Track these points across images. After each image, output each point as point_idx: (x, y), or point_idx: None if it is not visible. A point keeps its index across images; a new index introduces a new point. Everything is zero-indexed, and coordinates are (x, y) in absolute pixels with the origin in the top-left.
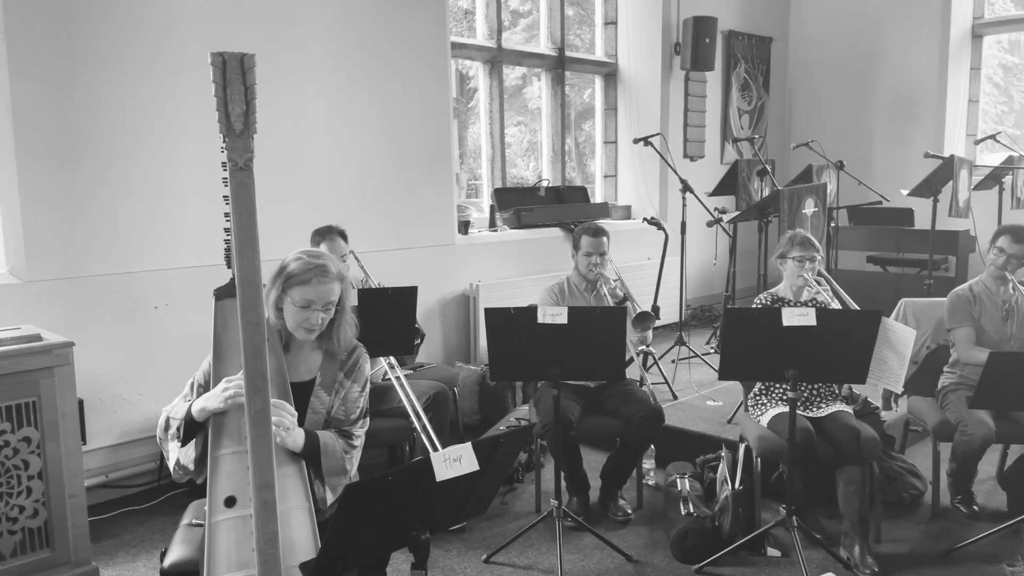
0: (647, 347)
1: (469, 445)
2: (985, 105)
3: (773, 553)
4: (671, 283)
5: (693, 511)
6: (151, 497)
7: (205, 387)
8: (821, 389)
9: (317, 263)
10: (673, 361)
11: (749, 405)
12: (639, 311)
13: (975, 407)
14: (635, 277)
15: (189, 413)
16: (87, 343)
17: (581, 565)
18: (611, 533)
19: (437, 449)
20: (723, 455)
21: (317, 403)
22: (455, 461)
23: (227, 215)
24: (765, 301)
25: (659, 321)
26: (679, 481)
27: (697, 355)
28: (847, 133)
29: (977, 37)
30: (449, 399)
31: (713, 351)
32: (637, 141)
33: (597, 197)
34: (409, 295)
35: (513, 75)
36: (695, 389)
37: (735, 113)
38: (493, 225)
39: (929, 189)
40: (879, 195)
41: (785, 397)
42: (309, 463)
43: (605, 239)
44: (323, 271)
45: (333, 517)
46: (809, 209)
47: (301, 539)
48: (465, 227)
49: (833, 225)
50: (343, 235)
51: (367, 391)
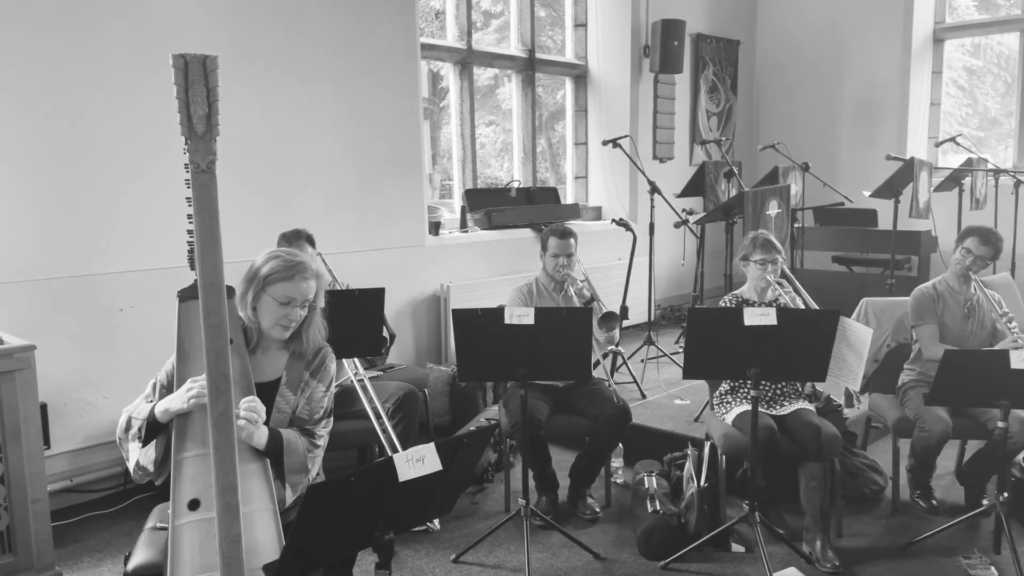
0: (615, 347)
1: (432, 445)
2: (950, 107)
3: (737, 549)
4: (640, 283)
5: (660, 509)
6: (117, 501)
7: (168, 388)
8: (785, 388)
9: (298, 260)
10: (642, 361)
11: (715, 404)
12: (605, 311)
13: (931, 404)
14: (605, 277)
15: (152, 414)
16: (50, 346)
17: (549, 564)
18: (579, 531)
19: (398, 451)
20: (689, 453)
21: (282, 403)
22: (418, 461)
23: (190, 217)
24: (730, 302)
25: (628, 321)
26: (646, 479)
27: (665, 354)
28: (813, 135)
29: (939, 41)
30: (418, 400)
31: (681, 350)
32: (606, 143)
33: (568, 198)
34: (376, 297)
35: (485, 75)
36: (663, 388)
37: (704, 115)
38: (464, 226)
39: (890, 191)
40: (843, 196)
41: (748, 395)
42: (271, 461)
43: (572, 240)
44: (304, 268)
45: (295, 518)
46: (773, 210)
47: (265, 540)
48: (436, 228)
49: (799, 226)
50: (311, 240)
51: (332, 391)
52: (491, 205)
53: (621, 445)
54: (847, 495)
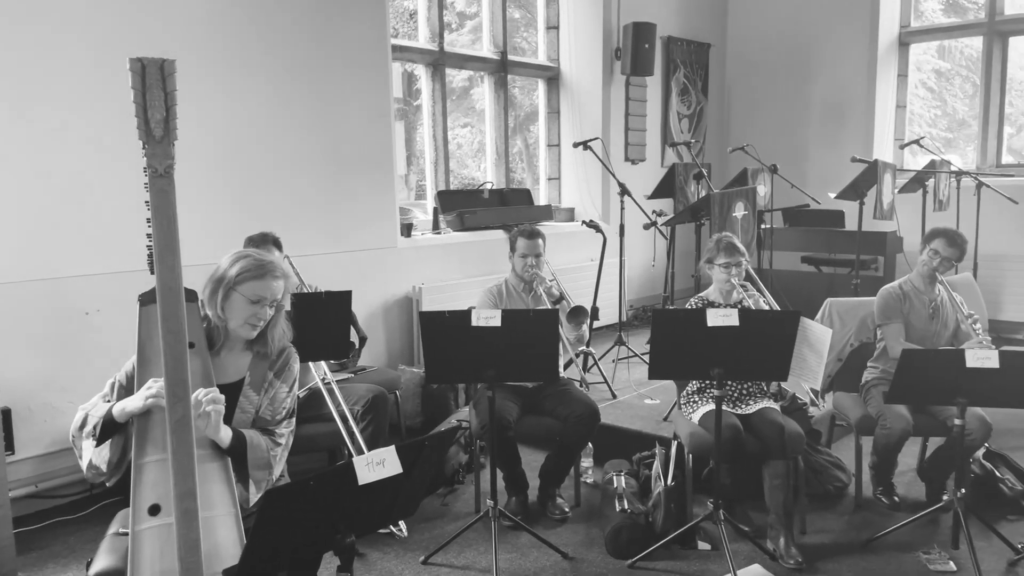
0: (586, 347)
1: (393, 448)
2: (920, 109)
3: (703, 546)
4: (612, 284)
5: (627, 508)
6: (82, 507)
7: (127, 389)
8: (751, 387)
9: (268, 260)
10: (613, 361)
11: (682, 403)
12: (573, 305)
13: (890, 402)
14: (578, 278)
15: (109, 413)
16: (14, 351)
17: (518, 564)
18: (548, 531)
19: (363, 453)
20: (657, 452)
21: (246, 403)
22: (378, 465)
23: (150, 221)
24: (695, 305)
25: (599, 322)
26: (615, 478)
27: (636, 355)
28: (782, 137)
29: (904, 45)
30: (388, 402)
31: None
32: (577, 145)
33: (541, 199)
34: (343, 299)
35: (460, 76)
36: (634, 388)
37: (675, 117)
38: (436, 228)
39: (855, 192)
40: (810, 198)
41: (714, 395)
42: (234, 460)
43: (540, 241)
44: (274, 267)
45: (254, 523)
46: (739, 212)
47: (227, 545)
48: (408, 230)
49: (767, 227)
50: (278, 244)
51: (295, 391)
52: (464, 206)
53: (591, 445)
54: (811, 492)
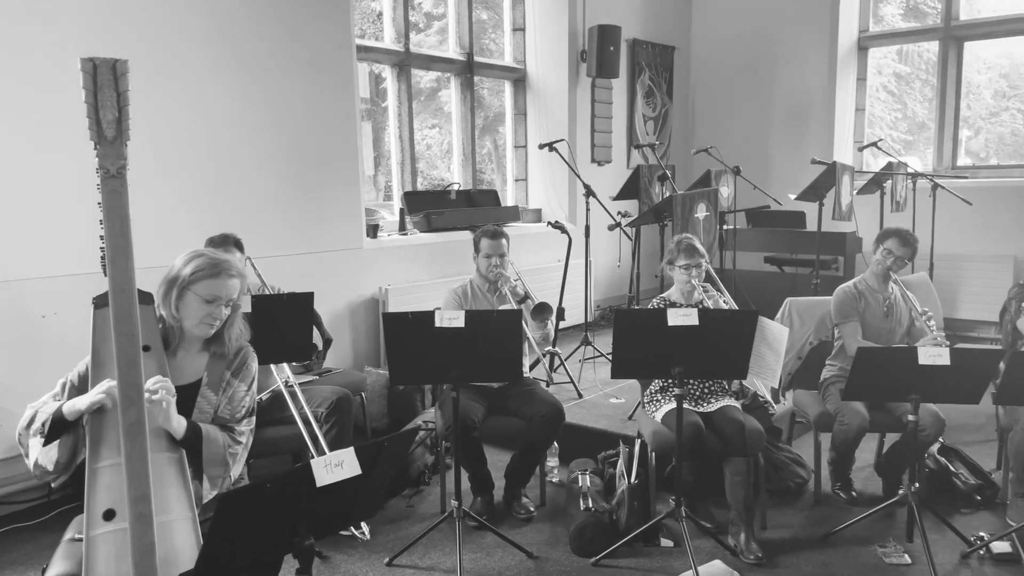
0: (552, 347)
1: (351, 450)
2: (881, 112)
3: (666, 543)
4: (578, 285)
5: (592, 506)
6: (41, 513)
7: (79, 389)
8: (712, 386)
9: (223, 258)
10: (580, 361)
11: (645, 402)
12: (537, 302)
13: (847, 399)
14: (545, 279)
15: (59, 411)
16: None
17: (483, 564)
18: (513, 531)
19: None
20: (621, 451)
21: (204, 403)
22: (336, 466)
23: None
24: (658, 305)
25: (565, 322)
26: (580, 477)
27: (602, 354)
28: (745, 139)
29: (863, 49)
30: (352, 404)
31: None
32: (543, 147)
33: (509, 200)
34: (305, 301)
35: (428, 78)
36: (599, 388)
37: (640, 119)
38: (403, 229)
39: (815, 194)
40: (771, 199)
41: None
42: (189, 456)
43: (504, 241)
44: (230, 265)
45: (209, 527)
46: (701, 213)
47: (184, 549)
48: (374, 231)
49: (729, 228)
50: (239, 245)
51: (254, 390)
52: (430, 207)
53: (557, 444)
54: (772, 488)
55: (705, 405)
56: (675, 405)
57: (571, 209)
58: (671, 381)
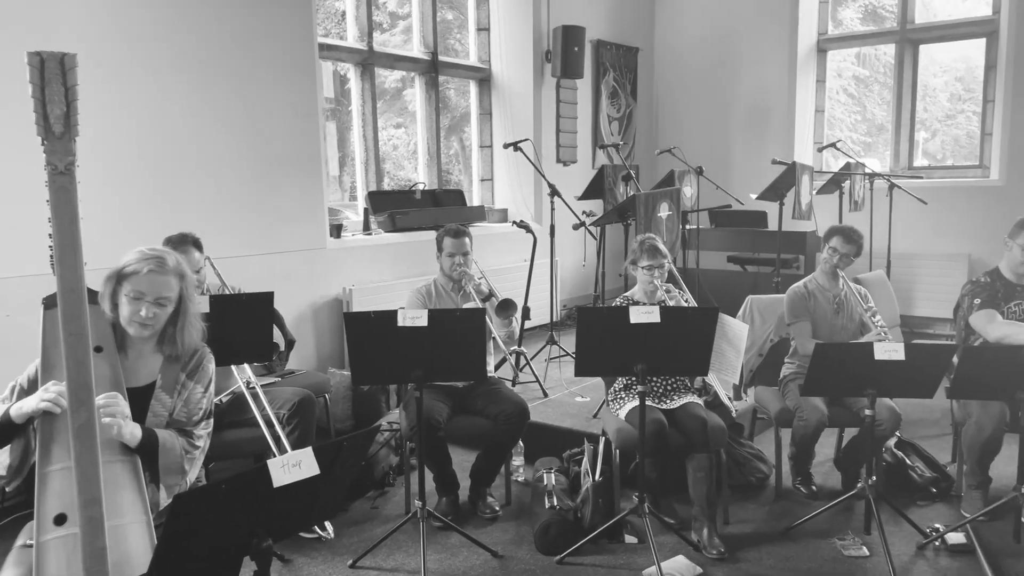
0: (518, 347)
1: (309, 450)
2: (841, 114)
3: (630, 540)
4: (544, 284)
5: (556, 504)
6: None
7: (28, 392)
8: (675, 383)
9: (154, 255)
10: (546, 360)
11: (609, 400)
12: (501, 299)
13: (806, 395)
14: (511, 279)
15: (6, 414)
16: None
17: (448, 564)
18: (478, 530)
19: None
20: (586, 449)
21: (158, 406)
22: (294, 466)
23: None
24: (621, 304)
25: (531, 322)
26: (545, 476)
27: (568, 353)
28: (708, 140)
29: (822, 51)
30: (315, 405)
31: None
32: (507, 146)
33: (475, 200)
34: (264, 301)
35: (393, 77)
36: (565, 387)
37: (605, 120)
38: (367, 229)
39: (775, 193)
40: (733, 199)
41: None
42: (145, 462)
43: (467, 239)
44: (159, 263)
45: (163, 530)
46: (664, 212)
47: (139, 553)
48: (338, 231)
49: (692, 227)
50: (197, 244)
51: (211, 392)
52: (395, 207)
53: (522, 444)
54: (734, 484)
55: (668, 402)
56: (639, 403)
57: (537, 209)
58: (634, 379)
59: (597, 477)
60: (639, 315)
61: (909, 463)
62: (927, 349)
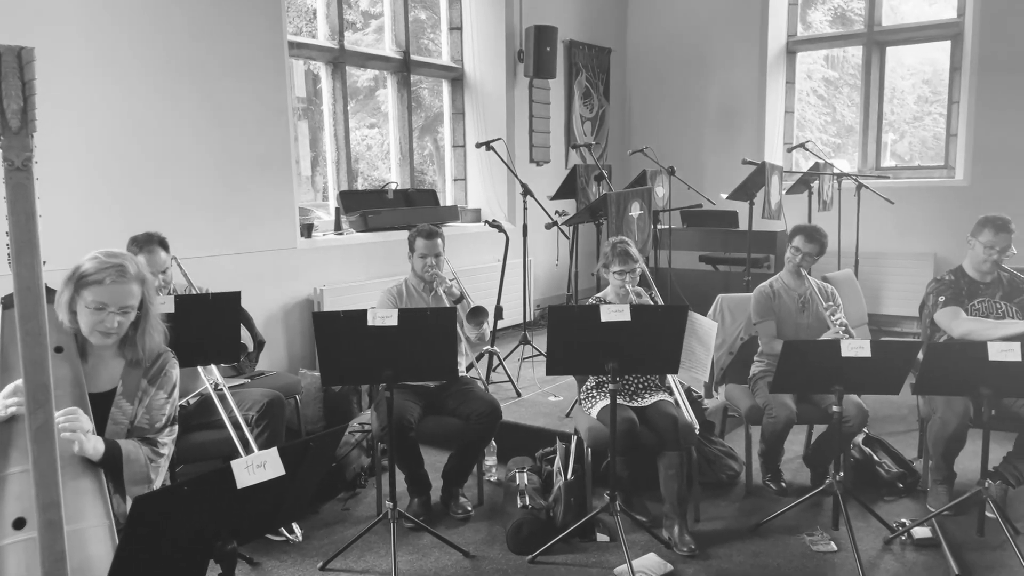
0: (490, 347)
1: (275, 450)
2: (811, 116)
3: (602, 538)
4: (517, 284)
5: (528, 503)
6: None
7: None
8: (646, 381)
9: (113, 262)
10: (519, 360)
11: (582, 399)
12: (473, 305)
13: (774, 392)
14: (485, 279)
15: None
16: None
17: (419, 565)
18: (450, 531)
19: None
20: (558, 448)
21: (118, 413)
22: (259, 467)
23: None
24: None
25: (503, 322)
26: (518, 475)
27: (541, 353)
28: (679, 140)
29: (791, 53)
30: (284, 407)
31: None
32: (479, 145)
33: (448, 200)
34: (231, 301)
35: (365, 77)
36: (538, 386)
37: (578, 120)
38: (339, 228)
39: (745, 193)
40: (704, 198)
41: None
42: (109, 474)
43: (439, 240)
44: (120, 271)
45: (123, 532)
46: (635, 212)
47: (100, 557)
48: (308, 230)
49: (664, 227)
50: (164, 244)
51: (175, 398)
52: (367, 207)
53: (495, 443)
54: (705, 481)
55: (639, 400)
56: (610, 401)
57: (510, 209)
58: (606, 377)
59: (569, 476)
60: (610, 313)
61: (876, 459)
62: (892, 346)
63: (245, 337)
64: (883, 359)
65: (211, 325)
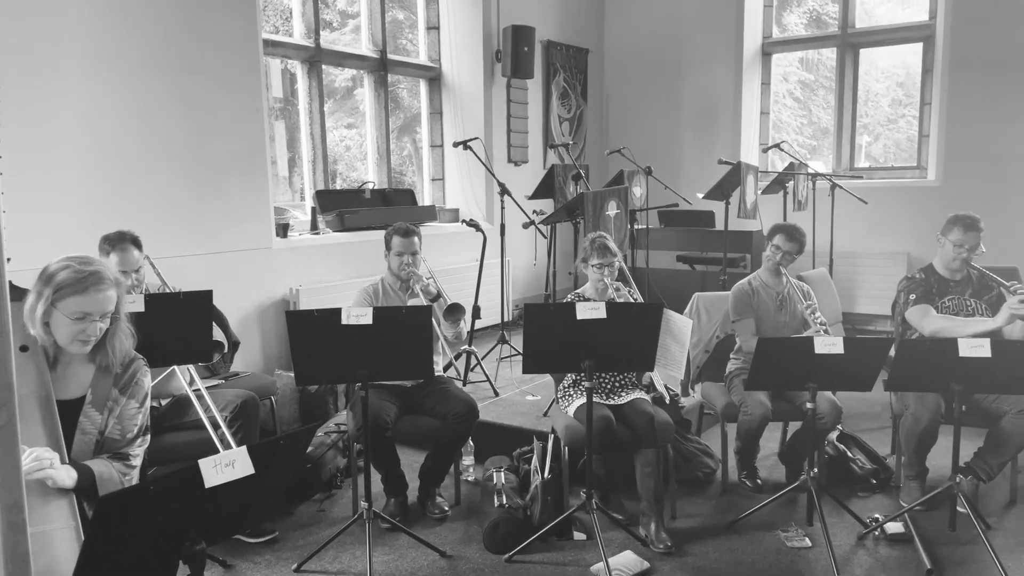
0: (468, 347)
1: (244, 449)
2: (787, 118)
3: (579, 536)
4: (495, 284)
5: (506, 503)
6: None
7: None
8: (623, 379)
9: (91, 270)
10: (497, 359)
11: (559, 397)
12: (450, 303)
13: (750, 389)
14: (462, 278)
15: None
16: None
17: (395, 565)
18: (427, 531)
19: None
20: (535, 446)
21: (87, 423)
22: (227, 466)
23: None
24: (571, 300)
25: (481, 321)
26: (495, 475)
27: (519, 352)
28: (656, 140)
29: (767, 55)
30: (259, 408)
31: None
32: (456, 145)
33: (426, 200)
34: (203, 300)
35: (343, 77)
36: (516, 385)
37: (556, 120)
38: (315, 228)
39: (721, 193)
40: (680, 198)
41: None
42: (85, 497)
43: (416, 239)
44: (99, 278)
45: (88, 532)
46: (612, 211)
47: (67, 559)
48: (284, 230)
49: (642, 227)
50: (137, 243)
51: (147, 407)
52: (344, 207)
53: (472, 443)
54: (682, 479)
55: (616, 398)
56: (586, 399)
57: (488, 208)
58: (582, 376)
59: (546, 475)
60: (585, 311)
61: (850, 455)
62: (865, 343)
63: (219, 337)
64: (856, 356)
65: (182, 324)
